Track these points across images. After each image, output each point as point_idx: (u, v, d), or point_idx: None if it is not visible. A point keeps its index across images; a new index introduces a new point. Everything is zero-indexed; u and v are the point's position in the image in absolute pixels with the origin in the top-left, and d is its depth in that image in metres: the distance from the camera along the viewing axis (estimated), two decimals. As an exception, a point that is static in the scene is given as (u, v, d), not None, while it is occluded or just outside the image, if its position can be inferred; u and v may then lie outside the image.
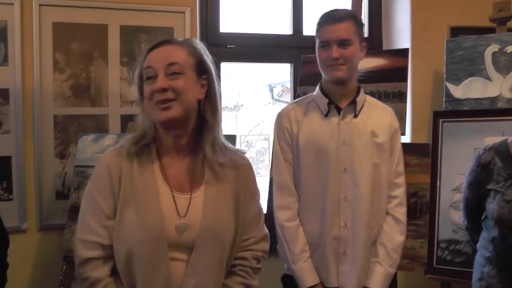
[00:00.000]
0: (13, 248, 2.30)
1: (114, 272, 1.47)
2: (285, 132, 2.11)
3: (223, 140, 1.58)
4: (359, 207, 2.03)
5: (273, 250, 2.74)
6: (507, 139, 2.09)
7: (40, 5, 2.68)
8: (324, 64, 2.02)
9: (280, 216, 2.09)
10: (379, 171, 2.06)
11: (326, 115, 2.07)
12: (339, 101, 2.07)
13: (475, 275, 2.11)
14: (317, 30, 2.04)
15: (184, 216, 1.46)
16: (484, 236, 2.10)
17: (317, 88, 2.14)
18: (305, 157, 2.06)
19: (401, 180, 2.15)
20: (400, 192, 2.13)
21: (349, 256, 2.05)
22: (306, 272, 2.05)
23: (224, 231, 1.50)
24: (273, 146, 2.16)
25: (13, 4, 2.63)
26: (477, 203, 2.12)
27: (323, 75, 2.09)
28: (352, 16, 2.04)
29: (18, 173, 2.68)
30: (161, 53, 1.47)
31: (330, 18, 2.00)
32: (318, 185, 2.05)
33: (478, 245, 2.16)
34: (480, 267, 2.08)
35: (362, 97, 2.11)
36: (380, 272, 2.05)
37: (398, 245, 2.09)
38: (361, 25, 2.08)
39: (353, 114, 2.07)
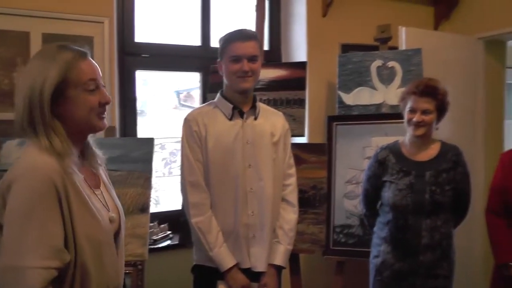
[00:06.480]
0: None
1: None
2: (194, 135, 2.15)
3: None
4: (263, 196, 2.15)
5: (184, 242, 2.75)
6: (398, 140, 2.34)
7: (-39, 11, 2.49)
8: (234, 76, 2.10)
9: (194, 212, 2.13)
10: (277, 165, 2.22)
11: (231, 119, 2.17)
12: (242, 106, 2.18)
13: (373, 254, 2.31)
14: (226, 46, 2.11)
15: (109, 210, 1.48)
16: (380, 220, 2.32)
17: (219, 95, 2.22)
18: (215, 157, 2.13)
19: (293, 170, 2.32)
20: (293, 180, 2.30)
21: (258, 240, 2.16)
22: (224, 256, 2.11)
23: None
24: (181, 149, 2.19)
25: None
26: (375, 193, 2.33)
27: (229, 85, 2.17)
28: (257, 36, 2.18)
29: None
30: (95, 66, 1.41)
31: (242, 36, 2.10)
32: (228, 180, 2.13)
33: (375, 228, 2.36)
34: (376, 246, 2.30)
35: (259, 103, 2.25)
36: (281, 250, 2.21)
37: (294, 224, 2.25)
38: (261, 45, 2.20)
39: (253, 117, 2.19)
